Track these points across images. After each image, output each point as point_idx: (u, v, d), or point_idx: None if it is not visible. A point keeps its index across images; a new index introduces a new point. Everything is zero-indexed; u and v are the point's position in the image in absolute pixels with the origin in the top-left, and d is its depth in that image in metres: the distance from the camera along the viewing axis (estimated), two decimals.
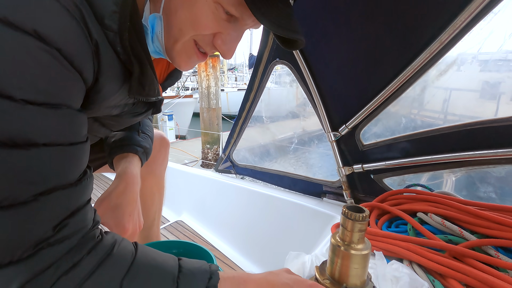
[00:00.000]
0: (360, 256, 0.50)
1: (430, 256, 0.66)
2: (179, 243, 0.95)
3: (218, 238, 1.54)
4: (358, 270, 0.51)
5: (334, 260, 0.52)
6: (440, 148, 0.86)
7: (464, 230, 0.70)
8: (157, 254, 0.45)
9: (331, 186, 1.21)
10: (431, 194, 0.86)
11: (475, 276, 0.58)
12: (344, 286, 0.51)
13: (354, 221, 0.50)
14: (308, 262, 0.68)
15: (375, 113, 0.97)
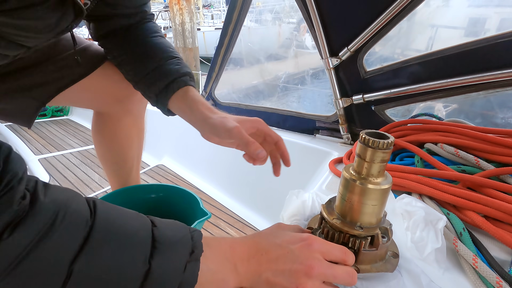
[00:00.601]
0: (380, 192, 0.41)
1: (444, 187, 0.59)
2: (159, 186, 0.85)
3: (204, 180, 1.46)
4: (376, 208, 0.42)
5: (347, 197, 0.43)
6: (459, 69, 0.74)
7: (480, 159, 0.63)
8: (124, 221, 0.32)
9: (325, 121, 1.10)
10: (441, 123, 0.77)
11: (495, 206, 0.52)
12: (358, 226, 0.43)
13: (376, 150, 0.39)
14: (309, 200, 0.60)
15: (384, 32, 0.81)
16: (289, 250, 0.37)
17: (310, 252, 0.36)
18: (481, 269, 0.44)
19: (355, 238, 0.42)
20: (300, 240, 0.38)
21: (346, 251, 0.38)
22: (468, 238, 0.49)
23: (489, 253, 0.47)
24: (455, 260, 0.49)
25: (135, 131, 0.98)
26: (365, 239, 0.42)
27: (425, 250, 0.48)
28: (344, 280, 0.36)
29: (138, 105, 0.92)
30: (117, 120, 0.91)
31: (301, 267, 0.35)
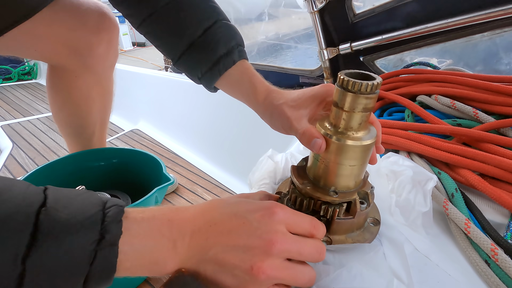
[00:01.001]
0: (360, 149, 0.32)
1: (436, 143, 0.51)
2: (121, 150, 0.76)
3: (181, 145, 1.37)
4: (355, 168, 0.34)
5: (320, 156, 0.34)
6: (461, 7, 0.63)
7: (479, 111, 0.55)
8: (5, 197, 0.22)
9: (309, 76, 0.99)
10: (436, 72, 0.67)
11: (494, 162, 0.44)
12: (332, 190, 0.35)
13: (357, 94, 0.30)
14: (282, 162, 0.52)
15: None
16: (246, 220, 0.28)
17: (272, 223, 0.28)
18: (474, 235, 0.37)
19: (328, 206, 0.34)
20: (261, 208, 0.29)
21: (315, 223, 0.30)
22: (460, 200, 0.43)
23: (484, 217, 0.40)
24: (445, 225, 0.42)
25: (98, 92, 0.85)
26: (340, 206, 0.35)
27: (410, 214, 0.42)
28: (311, 257, 0.29)
29: (102, 62, 0.79)
30: (74, 77, 0.79)
31: (259, 241, 0.27)
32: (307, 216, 0.31)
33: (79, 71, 0.77)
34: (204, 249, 0.27)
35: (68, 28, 0.64)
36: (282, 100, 0.42)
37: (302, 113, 0.40)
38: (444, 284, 0.34)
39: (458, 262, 0.37)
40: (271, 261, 0.27)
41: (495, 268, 0.35)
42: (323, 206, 0.35)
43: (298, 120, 0.39)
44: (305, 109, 0.40)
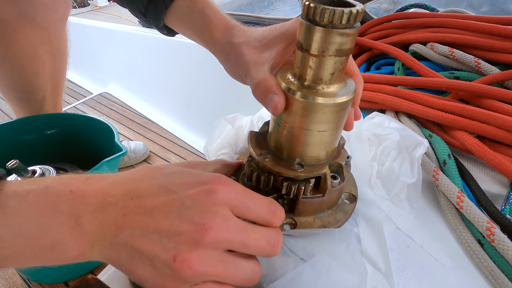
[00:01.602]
0: (333, 108, 0.24)
1: (428, 100, 0.43)
2: (68, 117, 0.65)
3: (154, 108, 1.26)
4: (326, 135, 0.26)
5: (282, 119, 0.26)
6: None
7: (482, 60, 0.46)
8: None
9: None
10: (434, 15, 0.57)
11: (496, 122, 0.37)
12: (298, 163, 0.27)
13: (330, 29, 0.21)
14: (246, 127, 0.43)
15: None
16: (177, 197, 0.20)
17: (210, 203, 0.20)
18: (467, 210, 0.31)
19: (291, 182, 0.27)
20: (200, 183, 0.21)
21: (275, 208, 0.23)
22: (453, 168, 0.36)
23: (480, 188, 0.34)
24: (434, 198, 0.36)
25: (47, 51, 0.72)
26: (306, 182, 0.27)
27: (394, 186, 0.35)
28: (260, 250, 0.22)
29: (49, 13, 0.66)
30: (12, 31, 0.66)
31: (190, 226, 0.19)
32: (263, 198, 0.23)
33: (18, 23, 0.64)
34: (119, 229, 0.20)
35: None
36: (243, 38, 0.32)
37: (265, 57, 0.30)
38: (427, 269, 0.28)
39: (446, 242, 0.31)
40: (202, 252, 0.19)
41: (490, 250, 0.29)
42: (285, 182, 0.27)
43: (258, 65, 0.29)
44: (270, 52, 0.30)
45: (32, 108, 0.77)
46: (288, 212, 0.29)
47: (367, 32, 0.65)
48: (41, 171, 0.53)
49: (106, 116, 1.22)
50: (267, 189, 0.29)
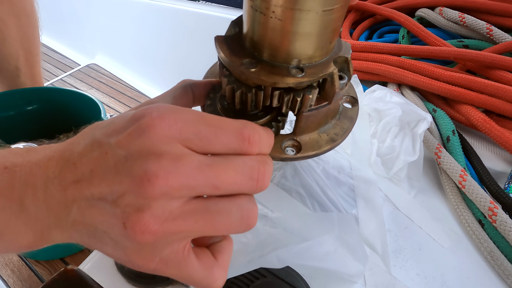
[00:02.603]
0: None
1: (433, 71, 0.40)
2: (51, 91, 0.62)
3: (145, 81, 1.21)
4: (334, 16, 0.17)
5: (268, 3, 0.17)
6: None
7: (494, 27, 0.42)
8: None
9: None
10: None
11: (505, 95, 0.35)
12: (295, 66, 0.19)
13: None
14: None
15: None
16: (108, 149, 0.16)
17: (148, 144, 0.15)
18: (469, 189, 0.30)
19: (292, 94, 0.19)
20: (131, 122, 0.16)
21: (248, 134, 0.16)
22: (457, 145, 0.34)
23: (483, 166, 0.32)
24: (434, 177, 0.34)
25: (9, 13, 0.65)
26: (310, 90, 0.19)
27: (394, 165, 0.33)
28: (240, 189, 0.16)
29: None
30: None
31: (129, 181, 0.15)
32: (230, 122, 0.16)
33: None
34: (66, 206, 0.16)
35: None
36: None
37: None
38: (425, 251, 0.28)
39: (446, 222, 0.30)
40: (155, 209, 0.15)
41: (490, 230, 0.28)
42: (285, 96, 0.19)
43: None
44: None
45: (7, 81, 0.72)
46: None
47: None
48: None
49: (95, 89, 1.17)
50: (257, 112, 0.21)
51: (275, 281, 0.23)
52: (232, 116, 0.20)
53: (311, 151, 0.21)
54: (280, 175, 0.30)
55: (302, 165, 0.31)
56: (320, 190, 0.30)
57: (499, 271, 0.26)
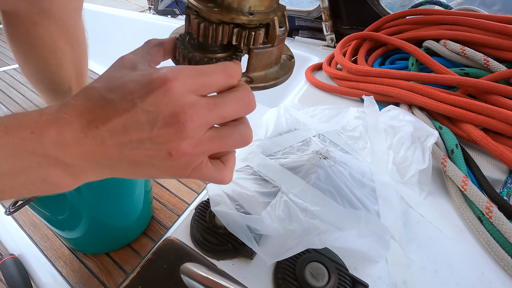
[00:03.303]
0: None
1: (439, 95, 0.47)
2: None
3: None
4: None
5: None
6: None
7: (491, 58, 0.50)
8: None
9: (306, 18, 0.89)
10: (447, 12, 0.60)
11: (500, 116, 0.42)
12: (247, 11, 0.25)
13: None
14: (273, 117, 0.48)
15: None
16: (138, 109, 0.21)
17: (173, 100, 0.21)
18: (470, 192, 0.36)
19: (243, 30, 0.25)
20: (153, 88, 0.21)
21: (228, 68, 0.23)
22: (460, 156, 0.41)
23: (482, 174, 0.39)
24: (441, 183, 0.41)
25: (66, 42, 0.75)
26: (258, 30, 0.26)
27: (407, 172, 0.40)
28: (239, 114, 0.23)
29: (63, 5, 0.68)
30: (33, 24, 0.68)
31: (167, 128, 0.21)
32: (216, 67, 0.23)
33: (36, 17, 0.67)
34: (106, 154, 0.21)
35: None
36: None
37: None
38: (434, 240, 0.34)
39: (451, 219, 0.37)
40: (189, 140, 0.21)
41: (488, 225, 0.34)
42: (238, 32, 0.25)
43: None
44: None
45: (61, 98, 0.82)
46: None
47: (382, 27, 0.68)
48: None
49: None
50: (216, 48, 0.26)
51: (317, 255, 0.30)
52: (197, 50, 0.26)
53: (260, 83, 0.28)
54: (315, 178, 0.38)
55: (333, 170, 0.38)
56: (348, 190, 0.37)
57: (494, 257, 0.32)
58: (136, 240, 0.70)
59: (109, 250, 0.67)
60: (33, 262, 0.64)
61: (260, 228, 0.31)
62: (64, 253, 0.66)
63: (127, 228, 0.68)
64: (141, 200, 0.66)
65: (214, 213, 0.32)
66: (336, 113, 0.52)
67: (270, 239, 0.31)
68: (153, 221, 0.75)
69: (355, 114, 0.50)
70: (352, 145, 0.45)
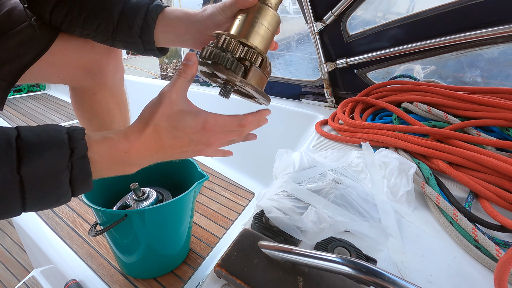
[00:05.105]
0: (274, 18, 0.43)
1: (416, 140, 0.66)
2: None
3: None
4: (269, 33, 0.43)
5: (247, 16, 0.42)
6: (434, 31, 0.79)
7: (449, 115, 0.70)
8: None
9: (311, 86, 1.14)
10: (417, 83, 0.83)
11: (458, 153, 0.60)
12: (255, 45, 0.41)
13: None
14: (298, 157, 0.66)
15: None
16: (190, 140, 0.40)
17: (208, 136, 0.40)
18: (442, 205, 0.52)
19: (252, 51, 0.40)
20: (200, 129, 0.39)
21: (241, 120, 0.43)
22: (433, 182, 0.58)
23: (450, 192, 0.55)
24: (422, 200, 0.57)
25: (115, 104, 0.97)
26: (258, 56, 0.41)
27: (398, 193, 0.57)
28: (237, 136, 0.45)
29: (113, 77, 0.90)
30: (93, 94, 0.90)
31: (201, 146, 0.41)
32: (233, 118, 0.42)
33: (96, 88, 0.87)
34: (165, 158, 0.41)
35: (80, 53, 0.74)
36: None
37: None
38: (421, 237, 0.49)
39: (431, 224, 0.52)
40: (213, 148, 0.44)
41: (456, 226, 0.50)
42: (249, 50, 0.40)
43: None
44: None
45: None
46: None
47: (371, 93, 0.91)
48: (148, 193, 0.76)
49: None
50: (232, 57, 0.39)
51: (341, 242, 0.45)
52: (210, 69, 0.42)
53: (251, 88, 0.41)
54: (333, 196, 0.54)
55: (346, 191, 0.55)
56: (357, 205, 0.53)
57: (461, 245, 0.47)
58: (179, 267, 0.81)
59: (157, 276, 0.78)
60: (93, 286, 0.75)
61: (301, 225, 0.46)
62: (119, 278, 0.77)
63: (173, 257, 0.80)
64: (185, 233, 0.80)
65: (268, 218, 0.48)
66: (342, 154, 0.70)
67: (308, 232, 0.47)
68: (191, 252, 0.87)
69: (356, 155, 0.68)
70: (357, 176, 0.62)
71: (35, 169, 0.32)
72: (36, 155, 0.32)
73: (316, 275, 0.36)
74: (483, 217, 0.50)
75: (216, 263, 0.38)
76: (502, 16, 0.68)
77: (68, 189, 0.35)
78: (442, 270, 0.43)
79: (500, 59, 0.80)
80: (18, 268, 1.30)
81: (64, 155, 0.33)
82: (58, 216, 0.99)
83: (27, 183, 0.32)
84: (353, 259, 0.30)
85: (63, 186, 0.34)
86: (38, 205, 0.34)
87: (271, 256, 0.38)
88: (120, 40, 0.61)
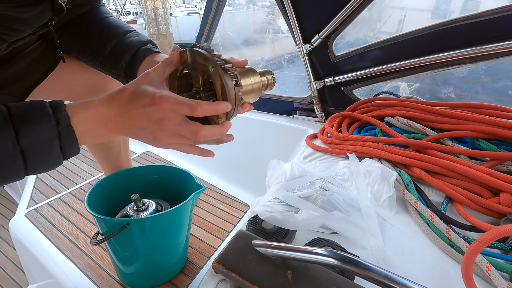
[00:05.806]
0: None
1: (397, 151, 0.72)
2: (156, 167, 0.93)
3: (191, 164, 1.54)
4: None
5: None
6: (411, 53, 0.87)
7: (426, 127, 0.77)
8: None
9: (302, 103, 1.21)
10: (397, 99, 0.90)
11: (435, 162, 0.66)
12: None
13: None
14: (289, 167, 0.72)
15: (349, 20, 0.92)
16: (144, 111, 0.41)
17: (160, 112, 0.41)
18: (420, 209, 0.58)
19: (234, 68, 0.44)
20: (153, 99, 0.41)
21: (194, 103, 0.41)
22: (412, 188, 0.63)
23: (428, 197, 0.61)
24: (403, 205, 0.62)
25: None
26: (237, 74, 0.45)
27: (381, 198, 0.62)
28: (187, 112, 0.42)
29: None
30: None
31: (155, 125, 0.42)
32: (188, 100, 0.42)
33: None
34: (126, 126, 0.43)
35: (85, 71, 0.79)
36: None
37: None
38: (401, 238, 0.54)
39: (410, 226, 0.57)
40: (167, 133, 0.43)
41: (432, 227, 0.55)
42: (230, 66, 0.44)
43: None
44: None
45: (113, 161, 1.06)
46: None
47: (357, 108, 0.98)
48: (147, 203, 0.79)
49: None
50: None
51: (328, 242, 0.49)
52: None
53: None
54: (321, 202, 0.59)
55: (333, 197, 0.60)
56: (343, 209, 0.57)
57: (437, 244, 0.52)
58: (176, 277, 0.83)
59: (155, 285, 0.80)
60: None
61: (293, 220, 0.50)
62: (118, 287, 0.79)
63: (171, 267, 0.83)
64: (183, 243, 0.83)
65: (262, 220, 0.52)
66: (330, 165, 0.75)
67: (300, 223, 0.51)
68: (188, 262, 0.90)
69: (343, 165, 0.74)
70: (343, 184, 0.67)
71: (31, 141, 0.38)
72: (30, 129, 0.38)
73: (304, 268, 0.40)
74: (456, 219, 0.55)
75: (214, 260, 0.42)
76: (468, 40, 0.77)
77: (60, 153, 0.41)
78: (419, 266, 0.48)
79: (469, 77, 0.89)
80: (12, 285, 1.29)
81: (52, 127, 0.39)
82: (57, 230, 1.01)
83: (27, 152, 0.38)
84: (336, 251, 0.35)
85: (56, 152, 0.41)
86: (38, 168, 0.41)
87: (264, 253, 0.43)
88: (106, 70, 0.68)
